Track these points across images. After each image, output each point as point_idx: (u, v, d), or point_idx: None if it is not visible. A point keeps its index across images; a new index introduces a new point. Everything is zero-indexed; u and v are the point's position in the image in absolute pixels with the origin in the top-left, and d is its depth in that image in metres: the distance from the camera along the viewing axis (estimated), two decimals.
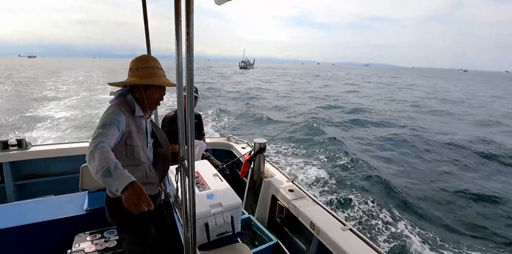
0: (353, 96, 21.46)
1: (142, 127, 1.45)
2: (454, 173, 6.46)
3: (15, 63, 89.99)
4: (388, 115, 13.66)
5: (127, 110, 1.35)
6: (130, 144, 1.34)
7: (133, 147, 1.35)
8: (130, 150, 1.34)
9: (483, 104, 19.54)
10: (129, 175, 1.03)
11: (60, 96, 16.02)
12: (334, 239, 1.65)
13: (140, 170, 1.42)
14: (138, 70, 1.35)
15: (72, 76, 33.72)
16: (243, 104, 15.81)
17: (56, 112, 11.56)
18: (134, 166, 1.38)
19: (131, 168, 1.36)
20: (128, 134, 1.33)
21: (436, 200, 5.13)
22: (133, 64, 1.37)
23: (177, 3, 0.81)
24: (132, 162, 1.37)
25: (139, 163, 1.40)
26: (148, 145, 1.52)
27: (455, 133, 10.23)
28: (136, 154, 1.37)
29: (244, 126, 10.55)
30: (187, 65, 0.77)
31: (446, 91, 30.55)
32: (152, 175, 1.50)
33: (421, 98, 21.45)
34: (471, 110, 16.48)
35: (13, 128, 8.95)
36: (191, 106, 0.87)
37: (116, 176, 1.00)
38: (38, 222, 1.83)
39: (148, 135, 1.51)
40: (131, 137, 1.34)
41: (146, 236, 1.50)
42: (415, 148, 8.33)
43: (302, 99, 18.78)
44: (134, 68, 1.36)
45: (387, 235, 3.96)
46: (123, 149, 1.33)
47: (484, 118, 13.73)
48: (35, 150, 2.83)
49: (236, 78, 38.48)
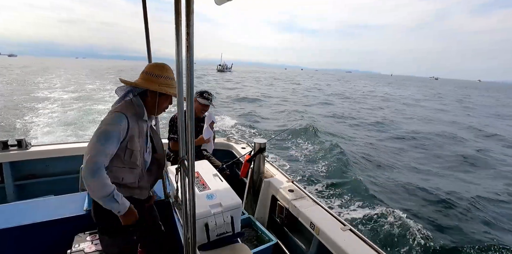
0: (270, 90, 28.43)
1: (143, 131, 1.46)
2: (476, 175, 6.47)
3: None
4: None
5: (133, 114, 1.37)
6: (130, 148, 1.35)
7: (132, 151, 1.37)
8: (128, 153, 1.36)
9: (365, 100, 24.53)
10: (125, 200, 1.31)
11: (54, 96, 16.08)
12: (334, 239, 1.65)
13: (133, 173, 1.43)
14: (158, 77, 1.38)
15: (62, 75, 34.35)
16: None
17: (53, 112, 11.56)
18: (129, 168, 1.40)
19: (125, 170, 1.38)
20: (130, 139, 1.34)
21: (437, 199, 5.14)
22: (153, 69, 1.40)
23: (177, 3, 0.81)
24: (127, 165, 1.39)
25: (134, 167, 1.41)
26: (148, 149, 1.53)
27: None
28: (134, 158, 1.39)
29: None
30: (187, 65, 0.77)
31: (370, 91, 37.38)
32: (144, 180, 1.51)
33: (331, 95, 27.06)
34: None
35: (10, 129, 8.95)
36: (191, 107, 0.87)
37: (120, 202, 1.26)
38: (38, 222, 1.83)
39: (148, 140, 1.54)
40: (132, 142, 1.35)
41: (125, 240, 1.51)
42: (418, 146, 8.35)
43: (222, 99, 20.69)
44: (154, 74, 1.39)
45: (387, 235, 3.96)
46: (122, 152, 1.34)
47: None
48: (35, 150, 2.83)
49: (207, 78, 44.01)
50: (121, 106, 1.39)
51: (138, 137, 1.40)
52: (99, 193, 1.20)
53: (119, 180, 1.38)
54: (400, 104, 23.12)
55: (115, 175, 1.36)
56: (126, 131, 1.31)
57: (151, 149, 1.59)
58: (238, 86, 31.76)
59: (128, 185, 1.42)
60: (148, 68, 1.41)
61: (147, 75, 1.39)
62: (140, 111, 1.40)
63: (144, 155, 1.50)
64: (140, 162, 1.45)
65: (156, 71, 1.39)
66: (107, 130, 1.25)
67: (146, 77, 1.39)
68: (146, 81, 1.39)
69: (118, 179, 1.38)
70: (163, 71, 1.40)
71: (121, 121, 1.29)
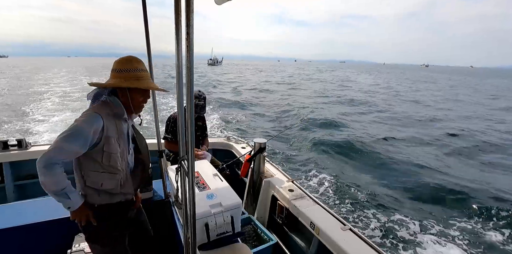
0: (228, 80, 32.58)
1: (123, 132, 1.38)
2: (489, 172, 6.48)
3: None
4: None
5: (108, 114, 1.29)
6: (107, 151, 1.28)
7: (110, 154, 1.29)
8: (106, 156, 1.28)
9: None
10: (80, 197, 1.29)
11: (54, 96, 16.11)
12: (334, 239, 1.65)
13: (115, 178, 1.34)
14: (122, 72, 1.30)
15: (59, 75, 34.78)
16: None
17: (53, 112, 11.56)
18: (109, 173, 1.32)
19: (105, 175, 1.31)
20: (106, 141, 1.27)
21: (437, 199, 5.14)
22: (117, 65, 1.31)
23: (177, 3, 0.81)
24: (107, 169, 1.31)
25: (115, 172, 1.33)
26: (130, 151, 1.45)
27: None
28: (113, 162, 1.31)
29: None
30: (187, 65, 0.77)
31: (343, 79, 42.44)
32: (127, 186, 1.42)
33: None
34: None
35: (10, 129, 8.95)
36: (191, 107, 0.87)
37: (73, 198, 1.24)
38: (38, 222, 1.83)
39: (130, 141, 1.45)
40: (109, 144, 1.28)
41: (113, 247, 1.47)
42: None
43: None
44: (118, 70, 1.30)
45: (387, 235, 3.96)
46: (100, 155, 1.27)
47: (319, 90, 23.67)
48: (35, 150, 2.83)
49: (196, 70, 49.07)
50: (97, 106, 1.31)
51: (118, 139, 1.33)
52: (50, 188, 1.17)
53: (97, 186, 1.31)
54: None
55: (93, 180, 1.30)
56: (101, 132, 1.24)
57: (133, 150, 1.50)
58: (220, 78, 35.09)
59: (108, 191, 1.34)
60: (114, 64, 1.33)
61: (113, 72, 1.32)
62: (118, 111, 1.32)
63: (127, 157, 1.42)
64: (122, 166, 1.37)
65: (120, 66, 1.30)
66: (77, 128, 1.18)
67: (113, 75, 1.32)
68: (113, 78, 1.31)
69: (97, 184, 1.30)
70: (129, 64, 1.31)
71: (95, 121, 1.22)
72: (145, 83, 1.33)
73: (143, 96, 1.38)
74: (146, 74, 1.36)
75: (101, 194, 1.34)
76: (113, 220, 1.43)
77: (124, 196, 1.43)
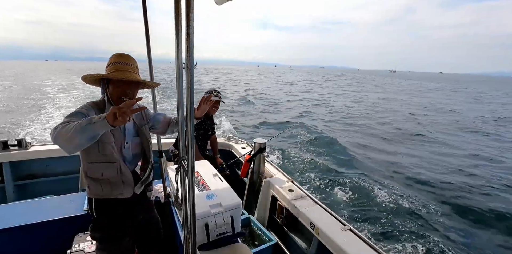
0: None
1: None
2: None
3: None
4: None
5: (98, 108, 1.35)
6: (101, 140, 1.30)
7: (104, 144, 1.32)
8: (102, 147, 1.32)
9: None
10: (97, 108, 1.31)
11: (53, 95, 16.11)
12: (334, 239, 1.65)
13: (113, 167, 1.38)
14: (109, 66, 1.34)
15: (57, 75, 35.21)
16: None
17: (53, 111, 11.57)
18: (107, 163, 1.36)
19: (104, 165, 1.35)
20: None
21: (438, 198, 5.14)
22: (109, 61, 1.36)
23: (177, 3, 0.81)
24: (105, 159, 1.35)
25: (112, 160, 1.37)
26: (126, 144, 1.45)
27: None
28: (108, 151, 1.34)
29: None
30: (187, 65, 0.77)
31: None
32: (127, 173, 1.44)
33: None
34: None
35: (11, 129, 8.95)
36: (191, 107, 0.87)
37: (96, 119, 1.02)
38: (38, 222, 1.83)
39: (127, 134, 1.45)
40: (103, 134, 1.26)
41: (114, 245, 1.49)
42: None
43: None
44: (107, 64, 1.36)
45: (387, 235, 3.96)
46: (96, 146, 1.31)
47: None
48: (35, 150, 2.83)
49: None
50: (93, 101, 1.40)
51: (112, 130, 1.30)
52: (70, 132, 1.03)
53: (99, 175, 1.36)
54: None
55: (94, 171, 1.35)
56: None
57: (134, 144, 1.50)
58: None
59: (110, 179, 1.38)
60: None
61: (105, 69, 1.37)
62: (100, 105, 1.37)
63: (122, 150, 1.43)
64: (118, 156, 1.39)
65: (109, 60, 1.36)
66: (75, 110, 1.26)
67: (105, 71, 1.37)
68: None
69: (98, 174, 1.35)
70: (115, 59, 1.34)
71: (89, 109, 1.29)
72: (121, 74, 1.30)
73: (121, 89, 1.33)
74: (129, 68, 1.34)
75: (103, 184, 1.38)
76: (113, 216, 1.46)
77: (125, 188, 1.44)
